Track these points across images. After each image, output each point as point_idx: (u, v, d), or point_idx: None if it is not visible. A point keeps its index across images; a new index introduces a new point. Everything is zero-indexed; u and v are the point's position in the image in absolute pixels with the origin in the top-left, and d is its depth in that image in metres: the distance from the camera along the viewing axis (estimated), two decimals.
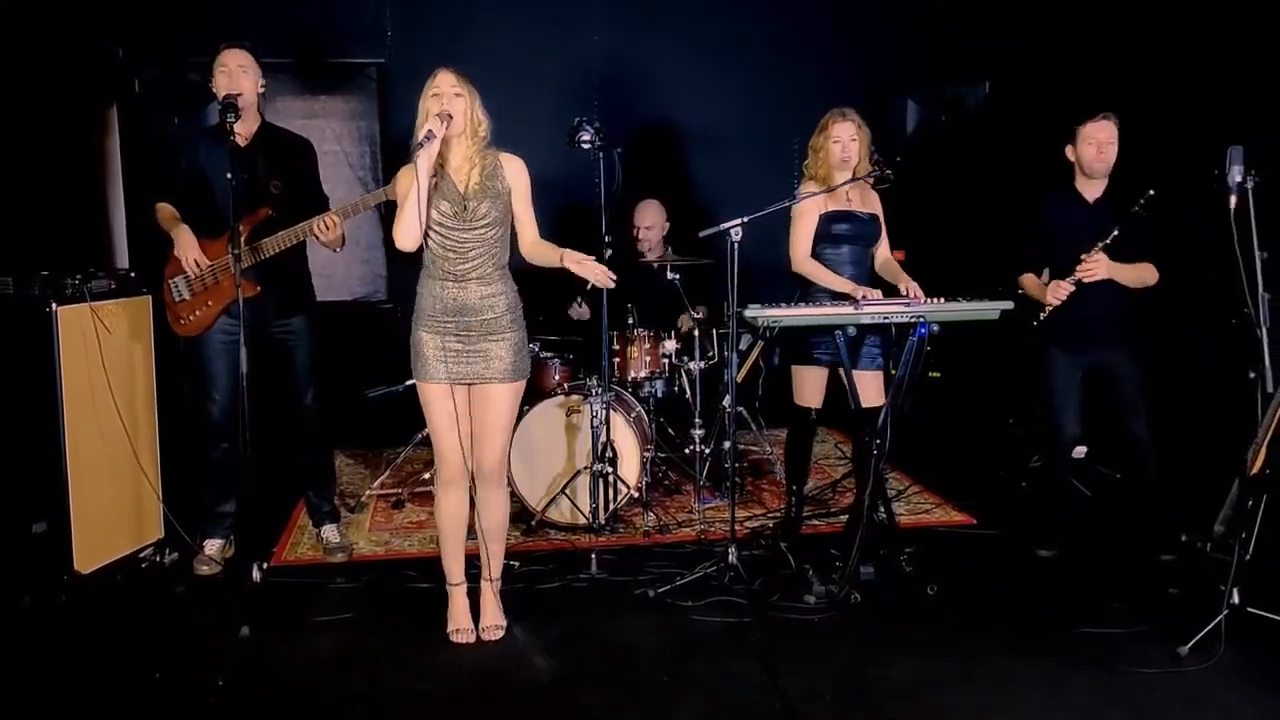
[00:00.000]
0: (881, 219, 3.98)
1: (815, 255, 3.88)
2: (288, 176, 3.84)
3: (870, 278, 3.93)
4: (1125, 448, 3.94)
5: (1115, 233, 3.71)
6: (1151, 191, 3.64)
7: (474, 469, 3.30)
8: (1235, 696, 2.94)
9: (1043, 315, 3.85)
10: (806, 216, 3.89)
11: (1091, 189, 3.88)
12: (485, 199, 3.17)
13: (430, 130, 3.04)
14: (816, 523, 4.47)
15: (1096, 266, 3.75)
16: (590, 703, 2.92)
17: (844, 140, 3.83)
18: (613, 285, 3.25)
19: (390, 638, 3.37)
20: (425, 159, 3.03)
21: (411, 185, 3.06)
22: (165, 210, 3.86)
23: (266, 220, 3.73)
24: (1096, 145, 3.79)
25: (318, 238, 3.72)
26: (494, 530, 3.35)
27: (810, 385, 3.95)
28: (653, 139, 6.07)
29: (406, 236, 3.10)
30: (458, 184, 3.18)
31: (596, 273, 3.18)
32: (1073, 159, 3.88)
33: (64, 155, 5.04)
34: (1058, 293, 3.79)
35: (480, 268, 3.20)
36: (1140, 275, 3.83)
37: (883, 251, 4.01)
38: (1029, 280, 3.97)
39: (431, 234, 3.16)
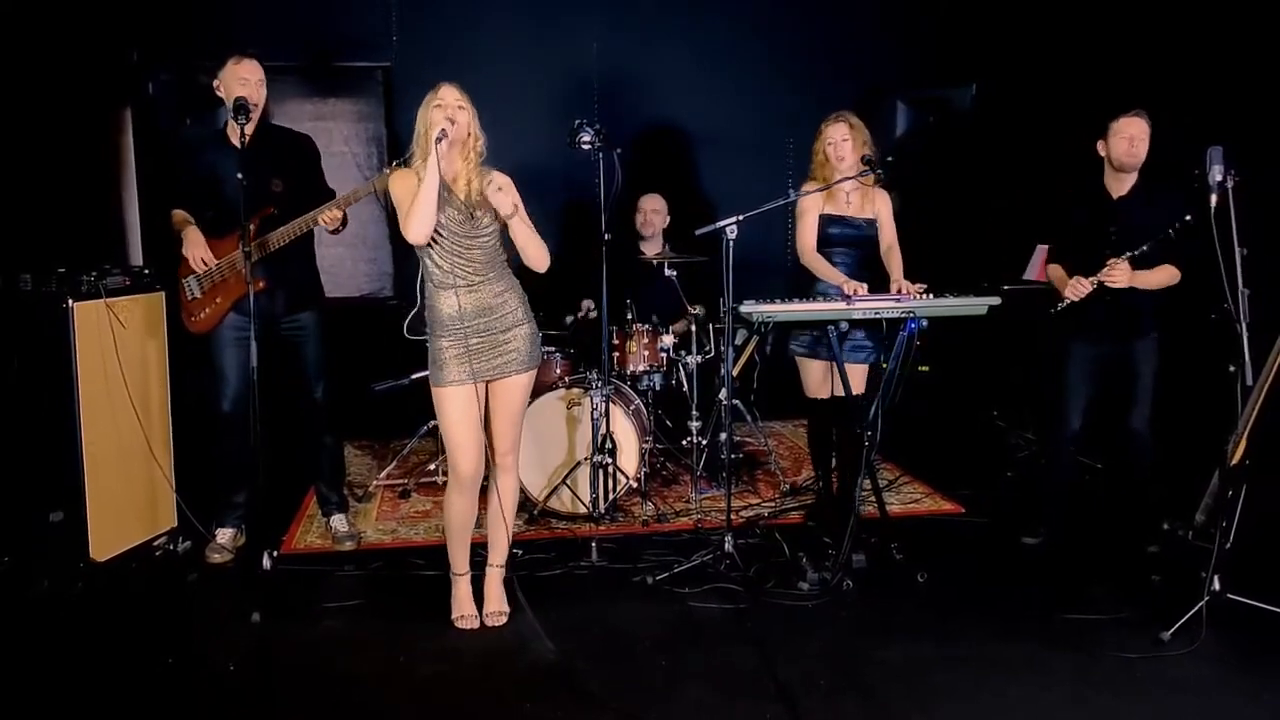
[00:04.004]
0: (884, 220, 4.02)
1: None
2: (288, 173, 3.91)
3: (867, 279, 3.93)
4: (1121, 440, 3.96)
5: (1145, 248, 3.71)
6: (1189, 218, 3.56)
7: (492, 459, 3.37)
8: (1216, 680, 3.01)
9: (1060, 306, 3.88)
10: (808, 214, 3.98)
11: (1119, 184, 3.87)
12: (487, 210, 3.27)
13: (444, 129, 3.12)
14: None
15: (1120, 275, 3.74)
16: (590, 686, 2.98)
17: (835, 140, 3.92)
18: (509, 203, 3.20)
19: (397, 624, 3.43)
20: (438, 157, 3.11)
21: (413, 185, 3.15)
22: (178, 215, 3.95)
23: (271, 218, 3.81)
24: (1129, 140, 3.78)
25: (324, 226, 3.80)
26: (505, 515, 3.40)
27: (814, 377, 4.04)
28: (651, 139, 6.15)
29: (421, 229, 3.14)
30: (459, 195, 3.25)
31: (492, 192, 3.18)
32: (1103, 154, 3.87)
33: (79, 155, 5.12)
34: (1078, 289, 3.81)
35: (489, 270, 3.30)
36: (1162, 280, 3.82)
37: (884, 240, 4.02)
38: (1055, 271, 4.00)
39: (438, 243, 3.22)
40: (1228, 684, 2.99)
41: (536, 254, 3.30)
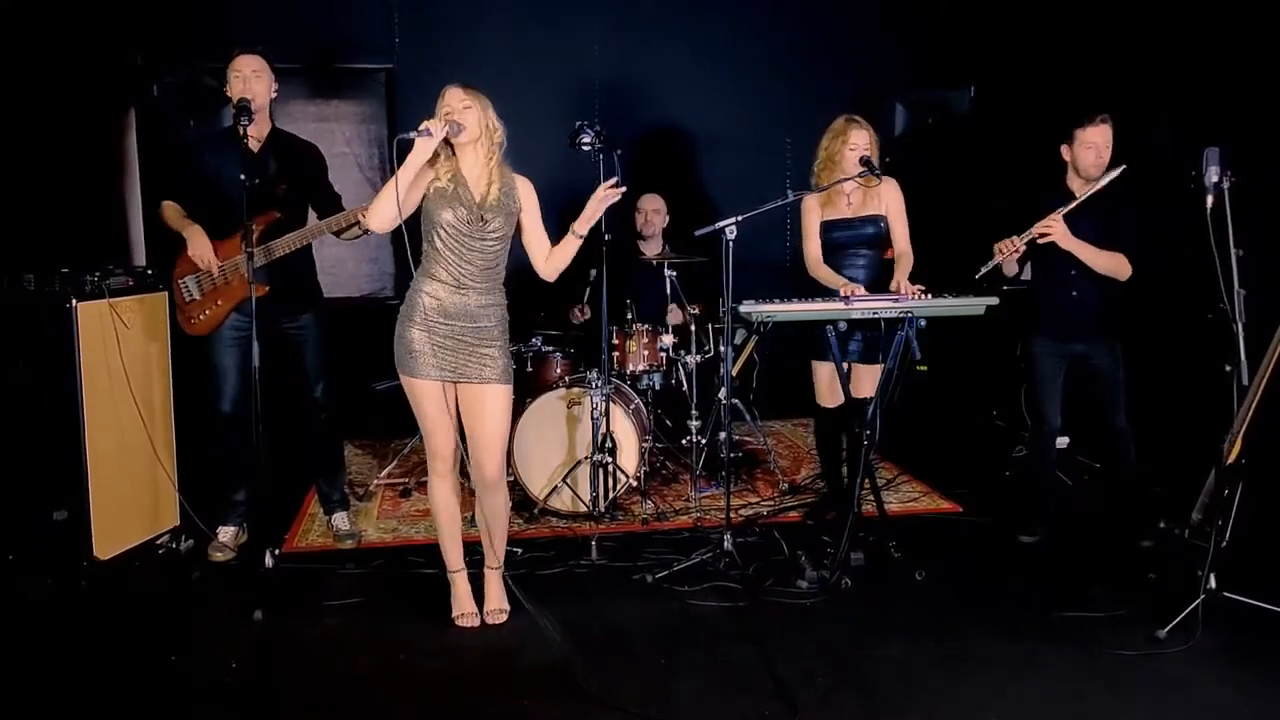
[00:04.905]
0: (894, 213, 3.98)
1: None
2: (295, 180, 3.93)
3: (881, 278, 3.95)
4: (1106, 439, 4.05)
5: (1080, 199, 3.80)
6: (1124, 166, 3.70)
7: (475, 475, 3.34)
8: (1212, 677, 3.02)
9: (985, 269, 3.88)
10: (809, 216, 3.99)
11: (1083, 186, 3.93)
12: (500, 214, 3.25)
13: (428, 127, 3.09)
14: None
15: (1054, 227, 3.81)
16: (590, 684, 2.98)
17: (859, 146, 3.90)
18: (623, 190, 3.30)
19: (397, 621, 3.45)
20: (416, 153, 3.10)
21: (409, 175, 3.13)
22: (171, 209, 3.94)
23: (275, 223, 3.83)
24: (1095, 150, 3.85)
25: (345, 226, 3.82)
26: (497, 523, 3.42)
27: (823, 381, 4.06)
28: (652, 140, 6.17)
29: (381, 217, 3.13)
30: (475, 194, 3.23)
31: (603, 195, 3.26)
32: (1068, 159, 3.94)
33: (83, 156, 5.14)
34: (1006, 248, 3.84)
35: (483, 277, 3.28)
36: (1108, 263, 3.87)
37: (897, 238, 4.00)
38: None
39: (439, 237, 3.22)
40: (1223, 681, 3.01)
41: (558, 270, 3.39)
